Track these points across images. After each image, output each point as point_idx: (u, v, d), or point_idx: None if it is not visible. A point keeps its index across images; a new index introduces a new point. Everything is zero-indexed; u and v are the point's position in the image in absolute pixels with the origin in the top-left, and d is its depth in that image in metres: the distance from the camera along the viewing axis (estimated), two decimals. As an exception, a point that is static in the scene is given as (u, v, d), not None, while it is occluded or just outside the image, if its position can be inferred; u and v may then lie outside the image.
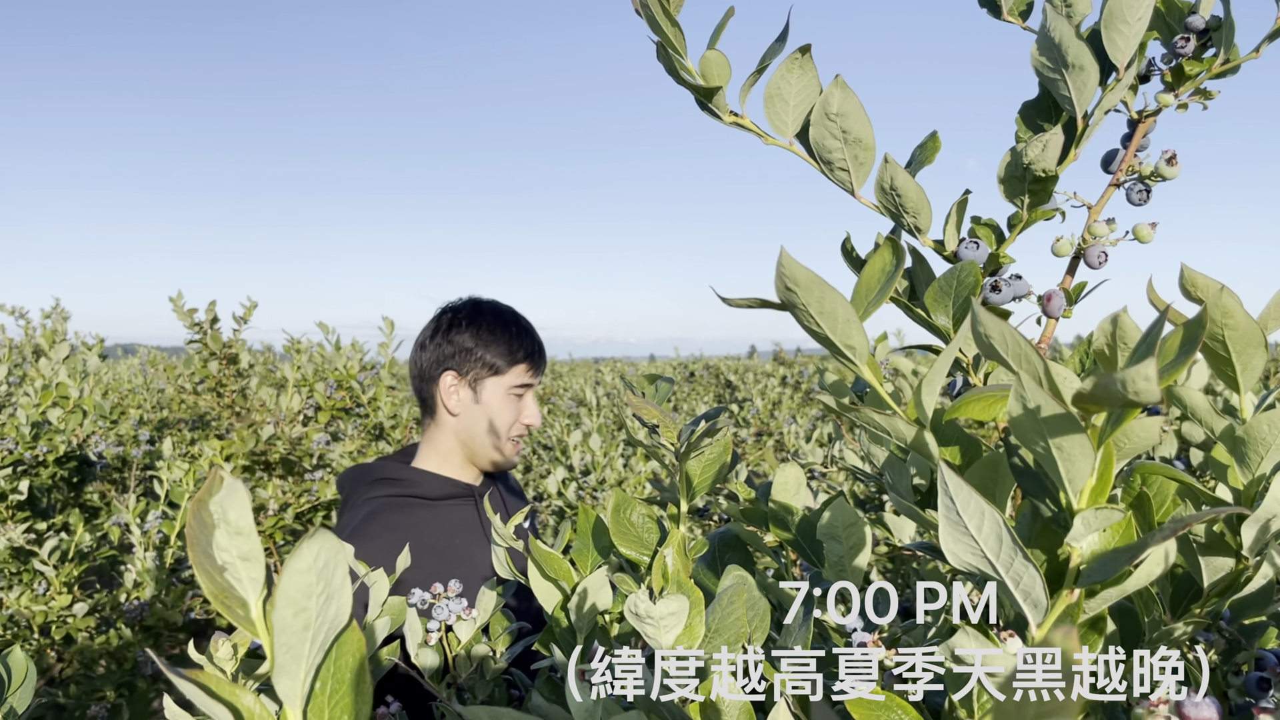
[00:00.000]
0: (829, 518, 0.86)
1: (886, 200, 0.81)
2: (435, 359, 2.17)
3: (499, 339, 2.15)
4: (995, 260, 0.84)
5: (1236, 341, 0.62)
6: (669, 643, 0.71)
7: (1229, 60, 0.80)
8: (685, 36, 0.82)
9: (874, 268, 0.63)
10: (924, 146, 0.86)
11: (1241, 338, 0.61)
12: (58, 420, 4.27)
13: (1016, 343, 0.48)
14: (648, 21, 0.81)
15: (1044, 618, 0.55)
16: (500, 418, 2.15)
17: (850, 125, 0.79)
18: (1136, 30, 0.75)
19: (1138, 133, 0.84)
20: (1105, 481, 0.53)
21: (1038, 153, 0.75)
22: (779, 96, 0.83)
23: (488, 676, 1.21)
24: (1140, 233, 0.81)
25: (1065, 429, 0.49)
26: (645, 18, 0.81)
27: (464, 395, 2.16)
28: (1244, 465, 0.64)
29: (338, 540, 0.47)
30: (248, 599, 0.48)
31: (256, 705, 0.50)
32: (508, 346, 2.14)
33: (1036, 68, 0.78)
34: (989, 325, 0.49)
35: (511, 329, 2.17)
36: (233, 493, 0.46)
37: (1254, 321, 0.61)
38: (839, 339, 0.59)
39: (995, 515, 0.50)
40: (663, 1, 0.78)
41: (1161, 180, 0.83)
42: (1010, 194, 0.81)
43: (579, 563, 0.99)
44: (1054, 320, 0.83)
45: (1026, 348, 0.47)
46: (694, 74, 0.84)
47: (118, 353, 11.74)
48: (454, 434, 2.18)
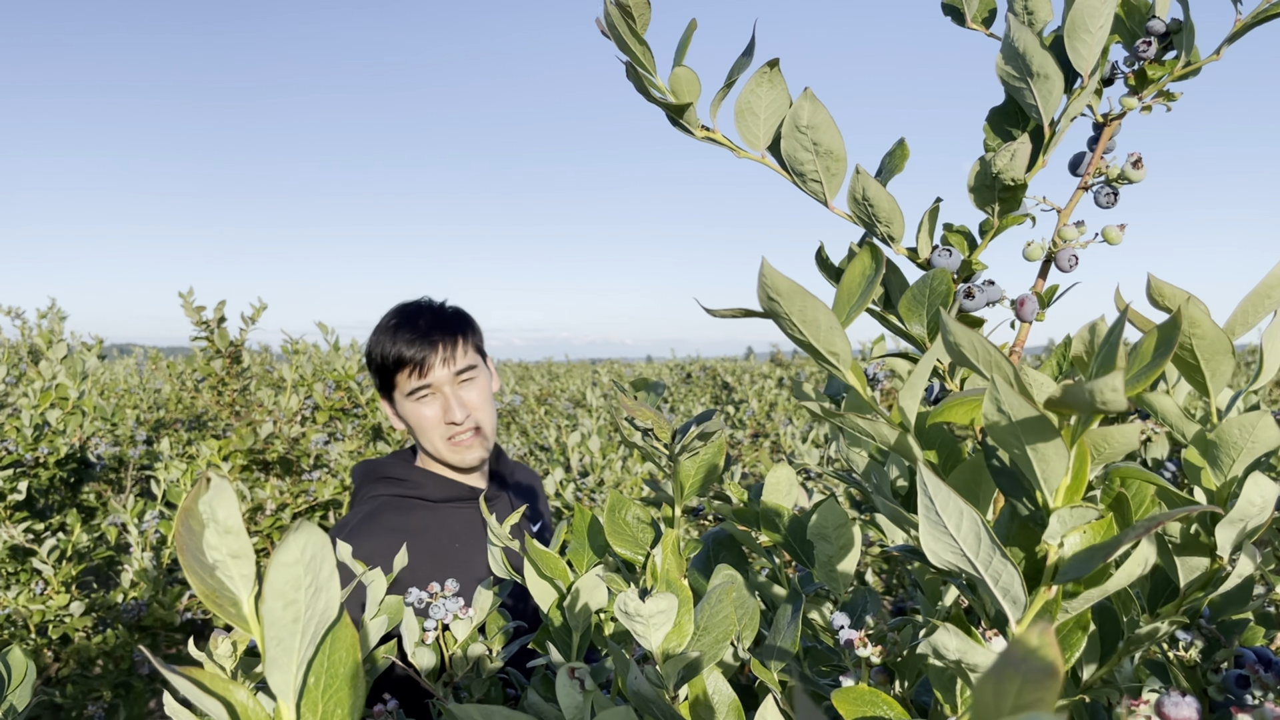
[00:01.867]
0: (819, 519, 0.87)
1: (859, 210, 0.82)
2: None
3: (374, 356, 2.14)
4: (968, 267, 0.85)
5: (1204, 350, 0.64)
6: (658, 641, 0.72)
7: (1190, 63, 0.82)
8: (653, 54, 0.83)
9: (854, 273, 0.64)
10: (893, 154, 0.87)
11: (1209, 346, 0.63)
12: (56, 421, 4.28)
13: (986, 350, 0.49)
14: (615, 42, 0.82)
15: (1023, 614, 0.56)
16: (420, 426, 2.12)
17: (821, 137, 0.80)
18: (1099, 38, 0.76)
19: (1103, 136, 0.85)
20: (1080, 480, 0.54)
21: (1006, 161, 0.76)
22: (749, 110, 0.84)
23: (484, 675, 1.22)
24: (1109, 235, 0.83)
25: (1039, 430, 0.50)
26: (613, 38, 0.81)
27: (392, 412, 2.20)
28: (1216, 468, 0.65)
29: (324, 533, 0.48)
30: (239, 596, 0.49)
31: (251, 700, 0.51)
32: (380, 361, 2.12)
33: (1002, 77, 0.79)
34: (959, 334, 0.50)
35: (385, 339, 2.12)
36: (220, 492, 0.46)
37: (1220, 330, 0.63)
38: (822, 346, 0.60)
39: (974, 515, 0.51)
40: (628, 21, 0.79)
41: (1128, 183, 0.84)
42: (981, 202, 0.82)
43: (575, 562, 1.00)
44: (1028, 324, 0.84)
45: (996, 354, 0.48)
46: (664, 91, 0.85)
47: (114, 353, 11.74)
48: (419, 445, 2.20)
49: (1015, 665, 0.32)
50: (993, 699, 0.32)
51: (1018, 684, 0.32)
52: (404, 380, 2.10)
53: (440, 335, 2.11)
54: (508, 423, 10.23)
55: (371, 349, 2.16)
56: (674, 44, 0.85)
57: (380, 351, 2.12)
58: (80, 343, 5.19)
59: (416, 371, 2.08)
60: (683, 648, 0.72)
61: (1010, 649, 0.33)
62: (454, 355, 2.11)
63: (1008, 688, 0.32)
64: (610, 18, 0.81)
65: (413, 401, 2.11)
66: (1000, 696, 0.32)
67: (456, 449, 2.12)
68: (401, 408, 2.14)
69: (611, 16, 0.81)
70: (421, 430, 2.12)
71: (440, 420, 2.10)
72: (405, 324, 2.12)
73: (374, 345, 2.15)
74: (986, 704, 0.33)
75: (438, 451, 2.13)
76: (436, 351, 2.09)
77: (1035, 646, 0.32)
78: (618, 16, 0.80)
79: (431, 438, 2.11)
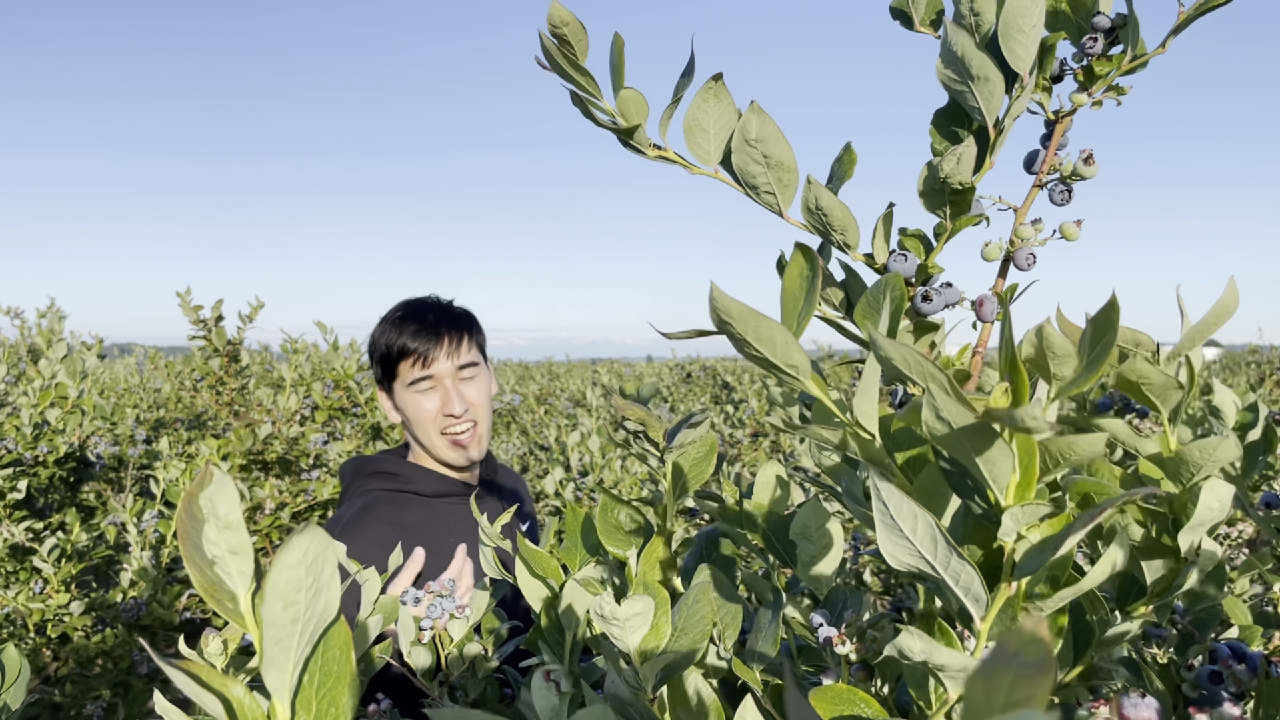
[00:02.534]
0: (800, 519, 0.89)
1: (813, 220, 0.83)
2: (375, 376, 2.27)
3: (378, 347, 2.17)
4: (925, 270, 0.86)
5: (1155, 391, 0.68)
6: (635, 643, 0.73)
7: (1137, 56, 0.83)
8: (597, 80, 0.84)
9: (792, 277, 0.66)
10: (841, 161, 0.88)
11: (1158, 389, 0.67)
12: (56, 420, 4.29)
13: (918, 360, 0.50)
14: (557, 73, 0.82)
15: (986, 611, 0.58)
16: (416, 418, 2.14)
17: (770, 150, 0.81)
18: (1033, 37, 0.77)
19: (1055, 133, 0.86)
20: (1029, 477, 0.56)
21: (953, 166, 0.77)
22: (698, 127, 0.84)
23: (480, 675, 1.23)
24: (1067, 231, 0.84)
25: (980, 435, 0.52)
26: (554, 69, 0.82)
27: (390, 405, 2.23)
28: (1176, 480, 0.68)
29: (327, 535, 0.49)
30: (237, 592, 0.51)
31: (246, 696, 0.53)
32: (384, 350, 2.15)
33: (943, 80, 0.80)
34: (888, 347, 0.52)
35: (391, 328, 2.16)
36: (222, 487, 0.48)
37: (1167, 376, 0.67)
38: (780, 361, 0.61)
39: (928, 517, 0.53)
40: (566, 52, 0.80)
41: (1081, 179, 0.85)
42: (931, 206, 0.83)
43: (568, 561, 1.02)
44: (989, 324, 0.85)
45: (928, 365, 0.50)
46: (612, 114, 0.86)
47: (114, 353, 11.75)
48: (413, 439, 2.22)
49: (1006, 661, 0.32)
50: (984, 696, 0.32)
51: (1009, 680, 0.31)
52: (406, 370, 2.12)
53: (446, 329, 2.14)
54: (508, 422, 10.25)
55: (376, 339, 2.19)
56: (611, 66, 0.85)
57: (385, 341, 2.15)
58: (80, 342, 5.20)
59: (420, 362, 2.11)
60: (660, 649, 0.74)
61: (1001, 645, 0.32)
62: (458, 349, 2.14)
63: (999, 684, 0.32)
64: (548, 52, 0.82)
65: (413, 392, 2.12)
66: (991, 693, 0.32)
67: (452, 445, 2.14)
68: (400, 399, 2.16)
69: (550, 51, 0.82)
70: (418, 422, 2.13)
71: (438, 412, 2.12)
72: (412, 316, 2.15)
73: (379, 335, 2.18)
74: (978, 701, 0.32)
75: (432, 445, 2.15)
76: (441, 344, 2.12)
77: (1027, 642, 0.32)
78: (555, 50, 0.81)
79: (428, 430, 2.13)
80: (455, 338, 2.14)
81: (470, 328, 2.20)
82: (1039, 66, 0.82)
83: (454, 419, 2.12)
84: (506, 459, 7.90)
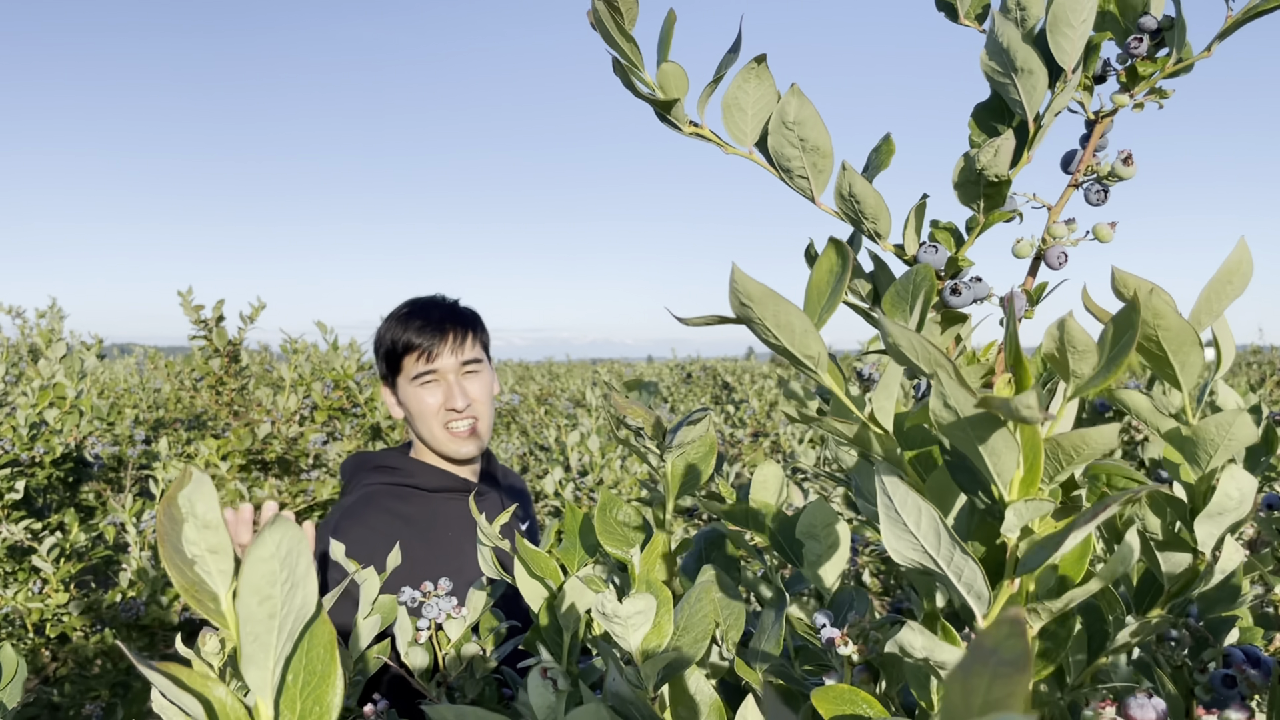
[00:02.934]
0: (807, 518, 0.87)
1: (846, 207, 0.82)
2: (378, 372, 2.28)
3: (383, 341, 2.19)
4: (954, 263, 0.85)
5: (1170, 341, 0.63)
6: (637, 641, 0.72)
7: (1182, 59, 0.82)
8: (641, 51, 0.83)
9: (822, 271, 0.64)
10: (879, 150, 0.87)
11: (1175, 338, 0.63)
12: (54, 420, 4.28)
13: (926, 349, 0.49)
14: (603, 37, 0.82)
15: (988, 608, 0.56)
16: (418, 412, 2.15)
17: (807, 133, 0.80)
18: (1081, 33, 0.76)
19: (1095, 133, 0.85)
20: (1034, 472, 0.54)
21: (990, 158, 0.76)
22: (736, 106, 0.84)
23: (478, 675, 1.22)
24: (1100, 233, 0.82)
25: (986, 425, 0.51)
26: (600, 33, 0.82)
27: (393, 400, 2.23)
28: (1194, 464, 0.65)
29: (299, 529, 0.48)
30: (218, 592, 0.49)
31: (229, 697, 0.51)
32: (390, 345, 2.17)
33: (986, 72, 0.79)
34: (896, 333, 0.50)
35: (398, 323, 2.18)
36: (200, 487, 0.47)
37: (1185, 321, 0.62)
38: (798, 349, 0.60)
39: (932, 511, 0.51)
40: (615, 17, 0.79)
41: (1119, 180, 0.84)
42: (966, 199, 0.82)
43: (566, 561, 1.00)
44: (1017, 321, 0.84)
45: (936, 353, 0.49)
46: (652, 86, 0.85)
47: (114, 353, 11.74)
48: (415, 436, 2.23)
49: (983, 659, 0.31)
50: (961, 696, 0.31)
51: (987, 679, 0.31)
52: (411, 364, 2.14)
53: (451, 325, 2.17)
54: (508, 422, 10.24)
55: (382, 334, 2.20)
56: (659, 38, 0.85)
57: (391, 335, 2.17)
58: (80, 342, 5.19)
59: (425, 356, 2.13)
60: (662, 648, 0.73)
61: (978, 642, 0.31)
62: (462, 345, 2.17)
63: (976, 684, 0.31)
64: (598, 13, 0.81)
65: (416, 386, 2.14)
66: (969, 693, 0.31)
67: (454, 439, 2.16)
68: (404, 393, 2.17)
69: (599, 12, 0.81)
70: (421, 417, 2.15)
71: (441, 407, 2.14)
72: (418, 312, 2.18)
73: (385, 330, 2.20)
74: (955, 701, 0.31)
75: (434, 439, 2.16)
76: (446, 340, 2.15)
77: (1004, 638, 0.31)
78: (605, 13, 0.81)
79: (430, 424, 2.14)
80: (459, 334, 2.17)
81: (475, 325, 2.23)
82: (1082, 65, 0.81)
83: (456, 414, 2.14)
84: (506, 459, 7.89)
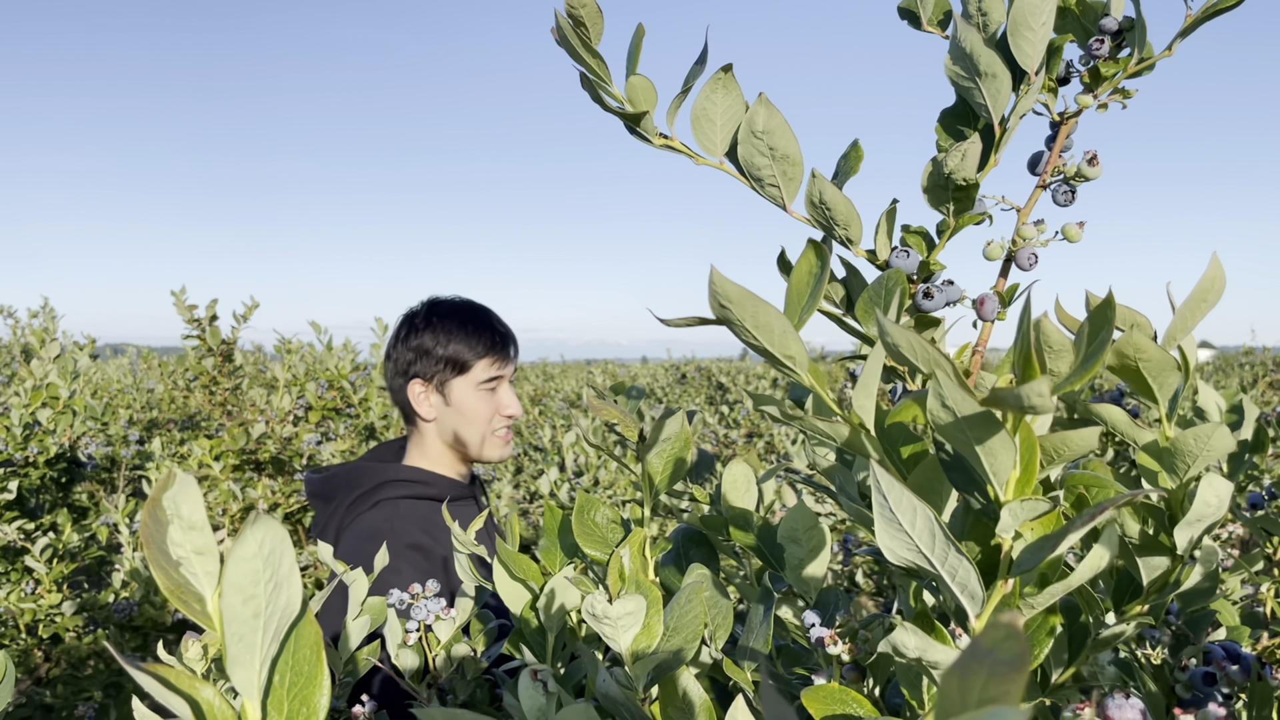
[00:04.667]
0: (788, 521, 0.87)
1: (817, 214, 0.83)
2: (401, 367, 2.16)
3: (457, 336, 2.12)
4: (926, 267, 0.86)
5: (1151, 370, 0.66)
6: (627, 642, 0.72)
7: (1144, 59, 0.83)
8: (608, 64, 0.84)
9: (801, 272, 0.65)
10: (847, 157, 0.88)
11: (1155, 366, 0.65)
12: (47, 421, 4.26)
13: (924, 348, 0.49)
14: (569, 53, 0.82)
15: (982, 609, 0.57)
16: (474, 416, 2.12)
17: (777, 142, 0.80)
18: (1042, 35, 0.77)
19: (1060, 135, 0.86)
20: (1030, 473, 0.55)
21: (957, 162, 0.77)
22: (705, 117, 0.84)
23: (469, 676, 1.22)
24: (1069, 233, 0.83)
25: (983, 424, 0.51)
26: (566, 50, 0.82)
27: (435, 400, 2.14)
28: (1172, 474, 0.66)
29: (282, 527, 0.48)
30: (203, 593, 0.49)
31: (216, 698, 0.51)
32: (467, 343, 2.11)
33: (951, 77, 0.80)
34: (895, 335, 0.51)
35: (469, 324, 2.13)
36: (185, 488, 0.47)
37: (1163, 352, 0.65)
38: (777, 350, 0.60)
39: (927, 511, 0.51)
40: (580, 33, 0.79)
41: (1084, 180, 0.85)
42: (935, 203, 0.83)
43: (547, 562, 1.00)
44: (990, 323, 0.85)
45: (934, 352, 0.49)
46: (620, 100, 0.85)
47: (107, 353, 11.71)
48: (438, 438, 2.17)
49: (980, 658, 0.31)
50: (958, 693, 0.32)
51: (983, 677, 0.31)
52: (485, 367, 2.12)
53: (512, 334, 2.21)
54: (502, 423, 10.22)
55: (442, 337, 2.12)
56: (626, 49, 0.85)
57: (462, 338, 2.12)
58: (73, 342, 5.18)
59: (500, 360, 2.14)
60: (652, 648, 0.73)
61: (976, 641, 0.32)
62: (517, 356, 2.22)
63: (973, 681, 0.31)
64: (563, 31, 0.81)
65: (482, 389, 2.12)
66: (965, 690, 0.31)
67: (502, 443, 2.17)
68: (462, 394, 2.12)
69: (565, 30, 0.81)
70: (476, 418, 2.12)
71: (497, 411, 2.15)
72: (484, 317, 2.17)
73: (444, 333, 2.12)
74: (952, 698, 0.32)
75: (479, 442, 2.14)
76: (512, 347, 2.19)
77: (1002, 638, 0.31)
78: (569, 28, 0.81)
79: (480, 427, 2.13)
80: (516, 346, 2.21)
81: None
82: (1045, 67, 0.82)
83: (511, 419, 2.17)
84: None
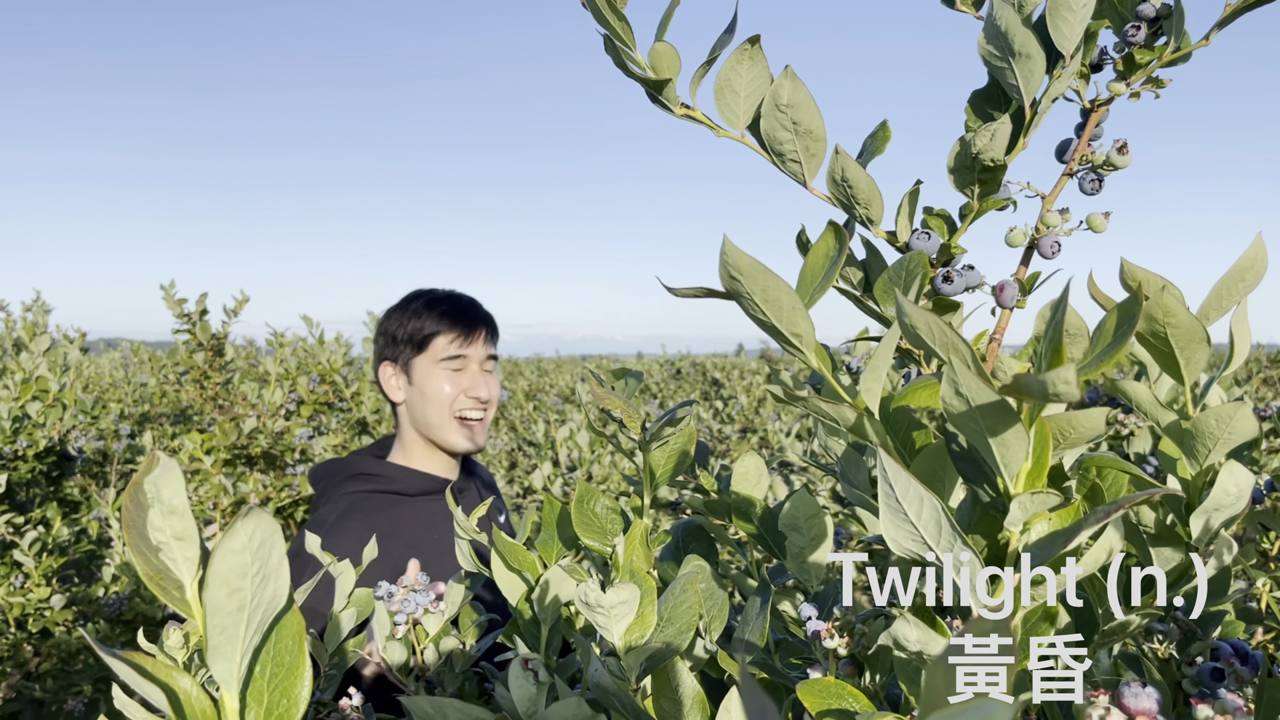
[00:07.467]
0: (790, 509, 0.86)
1: (838, 192, 0.81)
2: (376, 354, 2.23)
3: (417, 315, 2.13)
4: (947, 250, 0.84)
5: (1179, 338, 0.63)
6: (620, 632, 0.70)
7: (1180, 48, 0.81)
8: (633, 29, 0.82)
9: (818, 254, 0.63)
10: (874, 136, 0.86)
11: (1183, 334, 0.62)
12: (37, 414, 4.23)
13: (943, 331, 0.48)
14: (594, 15, 0.80)
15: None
16: (434, 394, 2.09)
17: (800, 116, 0.79)
18: (1082, 17, 0.75)
19: (1090, 122, 0.84)
20: (1041, 465, 0.53)
21: (986, 142, 0.75)
22: (729, 88, 0.82)
23: (457, 669, 1.20)
24: (1094, 222, 0.81)
25: (998, 415, 0.49)
26: (591, 11, 0.80)
27: (400, 381, 2.16)
28: (1192, 457, 0.64)
29: (273, 521, 0.46)
30: (183, 580, 0.47)
31: (194, 688, 0.49)
32: (426, 319, 2.11)
33: (984, 56, 0.78)
34: (914, 315, 0.49)
35: (435, 305, 2.13)
36: (166, 472, 0.45)
37: (1195, 318, 0.62)
38: (785, 327, 0.58)
39: (934, 501, 0.50)
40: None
41: (1114, 169, 0.83)
42: (960, 184, 0.81)
43: (544, 554, 0.99)
44: (1008, 310, 0.83)
45: (954, 336, 0.47)
46: (644, 66, 0.84)
47: (100, 347, 11.66)
48: (408, 423, 2.17)
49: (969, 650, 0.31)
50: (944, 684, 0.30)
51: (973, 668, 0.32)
52: (443, 345, 2.10)
53: (481, 316, 2.18)
54: (496, 418, 10.22)
55: (403, 316, 2.15)
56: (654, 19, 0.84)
57: (422, 317, 2.12)
58: (64, 336, 5.14)
59: (460, 339, 2.11)
60: (646, 639, 0.71)
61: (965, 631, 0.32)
62: (490, 340, 2.18)
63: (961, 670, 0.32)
64: None
65: (442, 368, 2.10)
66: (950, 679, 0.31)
67: (462, 428, 2.12)
68: (422, 374, 2.11)
69: None
70: (435, 400, 2.09)
71: (460, 393, 2.10)
72: (449, 299, 2.17)
73: (409, 314, 2.14)
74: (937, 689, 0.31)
75: (440, 426, 2.11)
76: (479, 328, 2.15)
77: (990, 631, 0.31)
78: None
79: (441, 411, 2.10)
80: (488, 328, 2.18)
81: (495, 324, 2.25)
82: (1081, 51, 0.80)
83: (478, 403, 2.12)
84: (494, 454, 7.87)
